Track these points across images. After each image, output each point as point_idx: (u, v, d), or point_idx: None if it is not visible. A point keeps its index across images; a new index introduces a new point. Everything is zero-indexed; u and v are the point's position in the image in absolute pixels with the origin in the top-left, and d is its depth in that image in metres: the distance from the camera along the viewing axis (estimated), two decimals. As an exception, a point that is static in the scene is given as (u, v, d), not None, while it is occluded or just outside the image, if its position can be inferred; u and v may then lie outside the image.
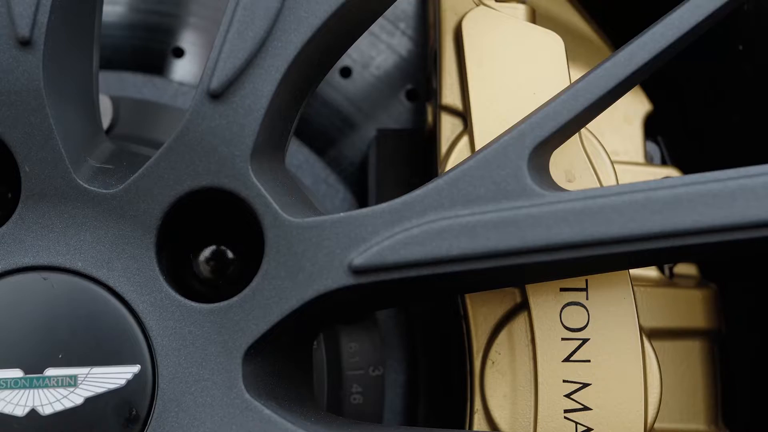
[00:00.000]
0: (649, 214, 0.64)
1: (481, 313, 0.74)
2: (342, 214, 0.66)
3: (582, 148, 0.73)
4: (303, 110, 0.72)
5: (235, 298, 0.67)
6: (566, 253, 0.65)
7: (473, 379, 0.74)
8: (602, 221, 0.64)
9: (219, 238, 0.72)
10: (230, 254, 0.72)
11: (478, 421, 0.73)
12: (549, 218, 0.65)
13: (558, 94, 0.68)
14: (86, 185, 0.68)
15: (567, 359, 0.71)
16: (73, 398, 0.66)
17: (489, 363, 0.73)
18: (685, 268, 0.88)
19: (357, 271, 0.65)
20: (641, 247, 0.64)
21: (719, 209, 0.63)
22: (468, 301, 0.74)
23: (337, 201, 0.91)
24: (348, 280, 0.66)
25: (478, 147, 0.74)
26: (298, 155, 0.91)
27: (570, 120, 0.67)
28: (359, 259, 0.65)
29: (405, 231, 0.65)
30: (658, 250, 0.65)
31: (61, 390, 0.66)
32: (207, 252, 0.72)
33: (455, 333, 0.78)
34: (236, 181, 0.67)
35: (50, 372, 0.66)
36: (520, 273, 0.68)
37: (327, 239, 0.66)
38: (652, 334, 0.78)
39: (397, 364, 0.88)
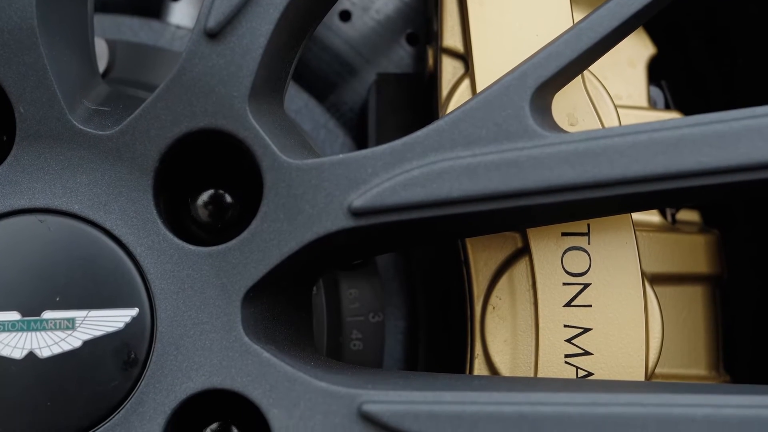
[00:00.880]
0: (653, 156, 0.63)
1: (482, 258, 0.73)
2: (341, 155, 0.65)
3: (585, 92, 0.72)
4: (301, 53, 0.71)
5: (233, 241, 0.67)
6: (568, 195, 0.64)
7: (474, 324, 0.73)
8: (605, 162, 0.63)
9: (217, 182, 0.71)
10: (228, 198, 0.71)
11: (479, 366, 0.73)
12: (551, 159, 0.64)
13: (561, 34, 0.67)
14: (82, 126, 0.67)
15: (568, 304, 0.71)
16: (71, 341, 0.66)
17: (490, 308, 0.73)
18: (687, 215, 0.87)
19: (356, 213, 0.65)
20: (644, 189, 0.64)
21: (724, 150, 0.62)
22: (469, 247, 0.73)
23: (336, 146, 0.90)
24: (347, 222, 0.65)
25: (479, 90, 0.73)
26: (297, 100, 0.90)
27: (573, 60, 0.66)
28: (359, 201, 0.65)
29: (405, 172, 0.65)
30: (662, 192, 0.64)
31: (59, 333, 0.66)
32: (205, 196, 0.71)
33: (456, 279, 0.78)
34: (234, 122, 0.66)
35: (48, 315, 0.66)
36: (521, 215, 0.67)
37: (326, 181, 0.65)
38: (654, 279, 0.77)
39: (398, 310, 0.87)
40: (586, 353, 0.70)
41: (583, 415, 0.62)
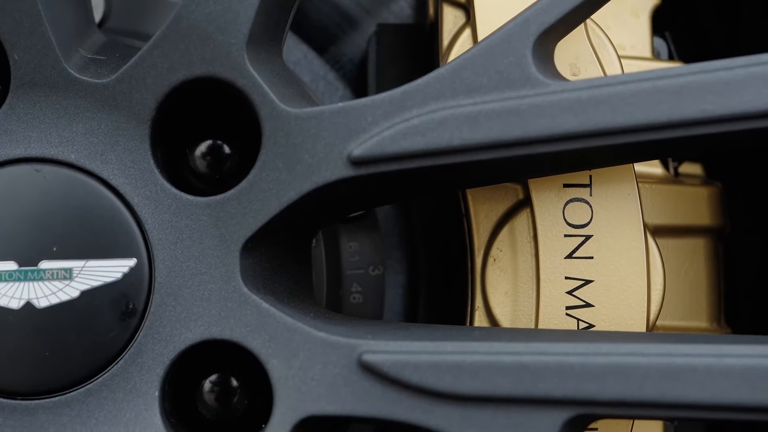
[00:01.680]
0: (657, 104, 0.62)
1: (483, 210, 0.73)
2: (341, 104, 0.65)
3: (588, 41, 0.71)
4: (301, 4, 0.70)
5: (232, 191, 0.66)
6: (571, 144, 0.63)
7: (474, 276, 0.73)
8: (608, 111, 0.63)
9: (215, 132, 0.70)
10: (227, 149, 0.70)
11: (479, 319, 0.73)
12: (553, 108, 0.63)
13: (564, -20, 0.66)
14: (78, 75, 0.66)
15: (569, 256, 0.70)
16: (69, 291, 0.65)
17: (490, 260, 0.72)
18: (689, 167, 0.86)
19: (356, 162, 0.64)
20: (648, 137, 0.63)
21: (729, 98, 0.62)
22: (469, 198, 0.73)
23: (335, 98, 0.89)
24: (347, 171, 0.64)
25: (480, 39, 0.72)
26: (295, 52, 0.89)
27: (576, 6, 0.65)
28: (359, 149, 0.64)
29: (405, 121, 0.64)
30: (665, 141, 0.63)
31: (56, 283, 0.65)
32: (203, 146, 0.70)
33: (456, 231, 0.77)
34: (232, 70, 0.65)
35: (45, 265, 0.65)
36: (523, 165, 0.66)
37: (326, 130, 0.65)
38: (656, 231, 0.77)
39: (398, 264, 0.87)
40: (588, 305, 0.70)
41: (584, 364, 0.61)
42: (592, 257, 0.70)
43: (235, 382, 0.69)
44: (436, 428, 0.62)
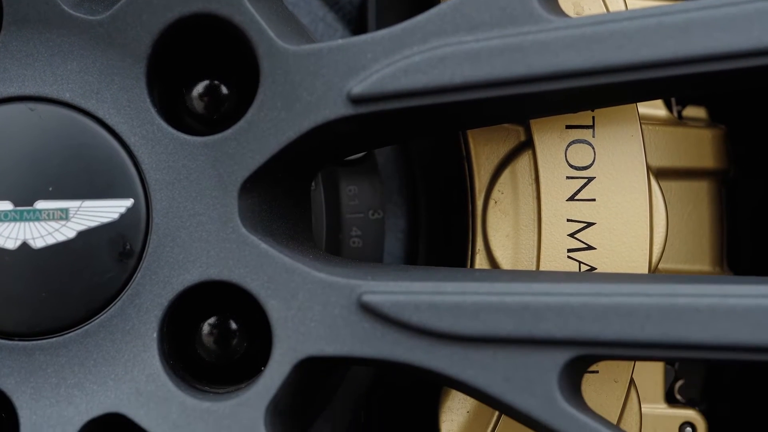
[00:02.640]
0: (662, 40, 0.61)
1: (484, 152, 0.72)
2: (340, 41, 0.64)
3: (592, -20, 0.70)
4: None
5: (229, 131, 0.65)
6: (574, 82, 0.62)
7: (475, 219, 0.72)
8: (612, 47, 0.62)
9: (213, 73, 0.69)
10: (224, 89, 0.69)
11: (480, 262, 0.72)
12: (557, 44, 0.62)
13: None
14: (72, 11, 0.65)
15: (571, 198, 0.70)
16: (65, 232, 0.65)
17: (491, 203, 0.72)
18: (693, 111, 0.85)
19: (356, 100, 0.63)
20: (652, 75, 0.62)
21: (735, 34, 0.61)
22: (470, 140, 0.72)
23: (335, 40, 0.87)
24: (347, 110, 0.63)
25: (482, -23, 0.70)
26: (294, -8, 0.88)
27: (581, -59, 0.63)
28: (358, 87, 0.63)
29: (406, 58, 0.63)
30: (670, 79, 0.62)
31: (52, 223, 0.65)
32: (200, 87, 0.69)
33: (457, 174, 0.77)
34: (229, 6, 0.64)
35: (41, 205, 0.65)
36: (525, 103, 0.65)
37: (325, 67, 0.63)
38: (659, 173, 0.76)
39: (398, 208, 0.86)
40: (589, 248, 0.69)
41: (586, 305, 0.61)
42: (594, 199, 0.70)
43: (234, 324, 0.68)
44: (436, 369, 0.62)
